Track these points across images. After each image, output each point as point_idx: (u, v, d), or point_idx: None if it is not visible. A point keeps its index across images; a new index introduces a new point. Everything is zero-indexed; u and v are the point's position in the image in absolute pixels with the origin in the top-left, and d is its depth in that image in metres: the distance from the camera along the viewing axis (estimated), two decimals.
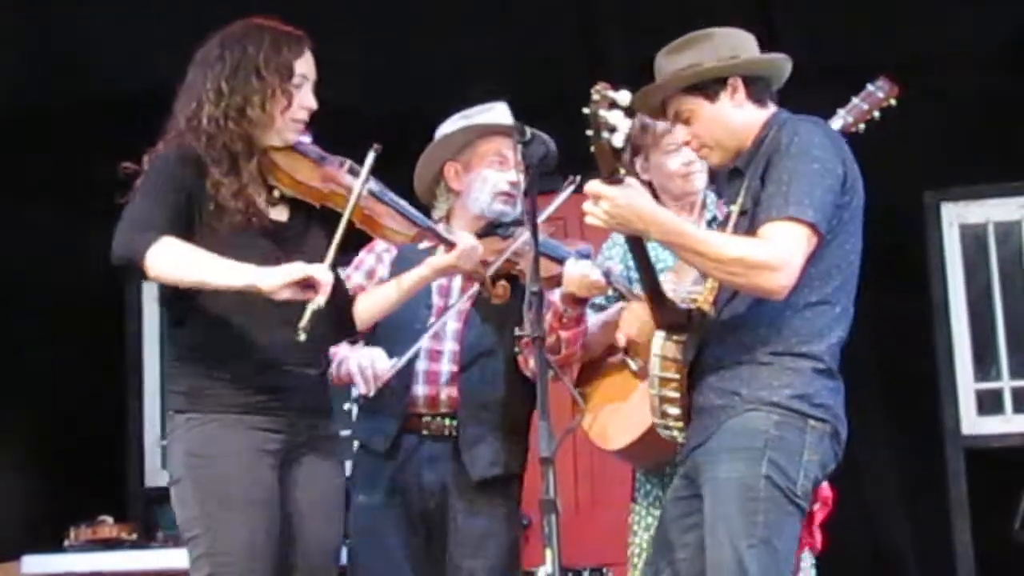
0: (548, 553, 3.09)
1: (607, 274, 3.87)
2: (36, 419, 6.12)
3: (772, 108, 3.45)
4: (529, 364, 3.95)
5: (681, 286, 3.68)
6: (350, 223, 3.44)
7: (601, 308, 4.08)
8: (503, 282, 3.80)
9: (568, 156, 3.59)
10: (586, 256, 3.91)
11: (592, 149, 3.21)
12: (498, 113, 4.09)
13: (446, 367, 4.00)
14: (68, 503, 5.88)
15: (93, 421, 6.19)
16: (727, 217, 3.45)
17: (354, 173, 3.51)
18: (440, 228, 3.77)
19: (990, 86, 5.82)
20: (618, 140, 3.17)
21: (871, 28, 5.80)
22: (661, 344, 3.39)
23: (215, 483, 3.35)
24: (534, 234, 3.39)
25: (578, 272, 3.81)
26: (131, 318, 6.53)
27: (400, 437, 3.99)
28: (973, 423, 5.98)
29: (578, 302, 3.87)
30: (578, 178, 3.69)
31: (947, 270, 6.06)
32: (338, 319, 3.61)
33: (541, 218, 3.69)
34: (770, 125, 3.39)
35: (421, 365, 3.98)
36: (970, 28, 5.78)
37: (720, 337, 3.35)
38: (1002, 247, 6.12)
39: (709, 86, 3.41)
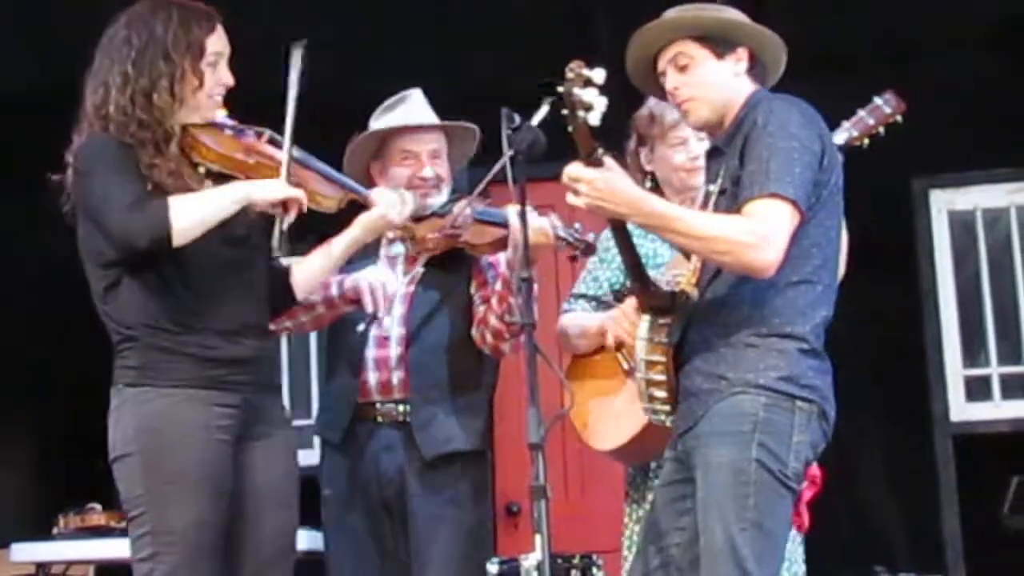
0: (538, 539, 3.09)
1: (553, 227, 3.85)
2: (25, 408, 6.11)
3: (756, 87, 3.43)
4: (487, 340, 3.96)
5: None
6: None
7: (596, 300, 4.07)
8: (432, 234, 3.88)
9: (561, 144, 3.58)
10: None
11: (570, 129, 3.17)
12: (411, 103, 4.12)
13: (394, 351, 4.01)
14: (57, 491, 5.87)
15: (81, 409, 6.17)
16: (707, 197, 3.42)
17: (274, 143, 3.47)
18: (363, 189, 3.72)
19: (979, 72, 5.83)
20: (594, 119, 3.14)
21: (861, 15, 5.80)
22: (646, 327, 3.38)
23: (164, 459, 3.27)
24: (523, 219, 3.38)
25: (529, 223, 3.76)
26: None
27: (353, 427, 4.01)
28: (962, 409, 5.98)
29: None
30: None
31: (936, 257, 6.07)
32: (275, 290, 3.55)
33: (478, 190, 3.79)
34: (749, 104, 3.36)
35: (370, 352, 4.00)
36: (959, 14, 5.78)
37: (704, 318, 3.33)
38: (990, 234, 6.13)
39: (720, 43, 3.39)
